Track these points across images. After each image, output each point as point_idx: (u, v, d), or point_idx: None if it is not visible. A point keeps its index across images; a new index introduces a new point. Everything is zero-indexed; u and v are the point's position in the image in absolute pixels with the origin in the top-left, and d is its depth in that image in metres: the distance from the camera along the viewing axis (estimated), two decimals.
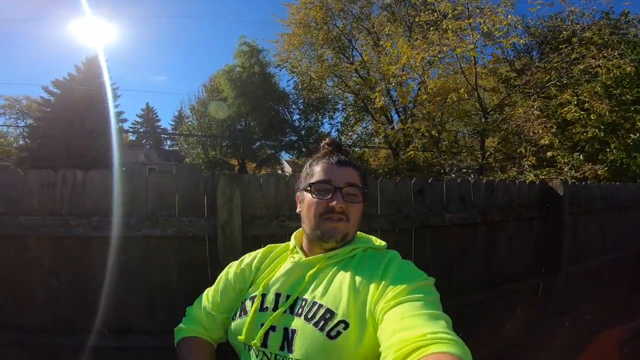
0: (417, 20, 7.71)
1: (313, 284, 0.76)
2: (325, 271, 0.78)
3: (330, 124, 15.50)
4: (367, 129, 14.36)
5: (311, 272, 0.78)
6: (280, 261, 0.88)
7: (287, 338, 0.71)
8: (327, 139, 0.93)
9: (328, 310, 0.70)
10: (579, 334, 2.29)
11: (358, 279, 0.73)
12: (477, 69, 5.89)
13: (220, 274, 0.93)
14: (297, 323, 0.71)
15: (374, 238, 0.90)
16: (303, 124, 16.41)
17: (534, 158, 4.78)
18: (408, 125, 6.27)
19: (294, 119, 16.63)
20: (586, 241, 2.86)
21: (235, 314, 0.82)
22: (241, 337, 0.76)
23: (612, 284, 2.93)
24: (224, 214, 1.42)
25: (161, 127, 43.63)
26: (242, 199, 1.45)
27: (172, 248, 1.52)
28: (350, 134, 14.80)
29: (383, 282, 0.70)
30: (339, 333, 0.67)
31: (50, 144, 18.40)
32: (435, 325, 0.57)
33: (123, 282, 1.50)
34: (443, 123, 6.55)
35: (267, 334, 0.73)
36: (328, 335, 0.67)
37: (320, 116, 15.87)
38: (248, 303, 0.81)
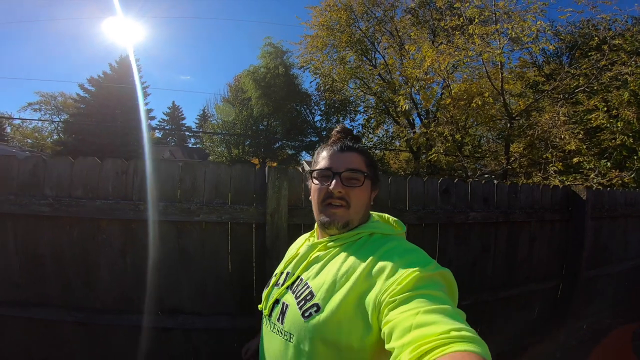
0: (442, 24, 7.73)
1: (312, 266, 0.80)
2: (325, 254, 0.80)
3: (352, 125, 15.59)
4: (389, 132, 14.37)
5: (312, 253, 0.82)
6: (301, 242, 0.96)
7: (283, 311, 0.77)
8: (338, 126, 0.93)
9: (310, 292, 0.74)
10: (595, 335, 2.35)
11: (348, 263, 0.74)
12: (504, 74, 5.88)
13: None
14: (290, 299, 0.77)
15: (392, 220, 0.88)
16: (324, 125, 16.59)
17: (561, 164, 4.76)
18: (431, 129, 6.33)
19: (315, 120, 16.84)
20: (608, 246, 2.90)
21: (266, 285, 0.91)
22: (261, 306, 0.87)
23: (635, 290, 2.94)
24: (273, 203, 1.61)
25: (186, 125, 44.95)
26: (288, 190, 1.64)
27: (225, 233, 1.72)
28: (371, 136, 14.87)
29: (385, 271, 0.66)
30: (310, 315, 0.70)
31: (85, 139, 19.40)
32: (455, 322, 0.53)
33: (179, 264, 1.71)
34: (467, 127, 6.56)
35: (273, 305, 0.81)
36: (303, 315, 0.72)
37: (341, 118, 16.03)
38: (273, 279, 0.89)
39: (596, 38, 5.52)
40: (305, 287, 0.75)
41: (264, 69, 15.73)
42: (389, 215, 0.89)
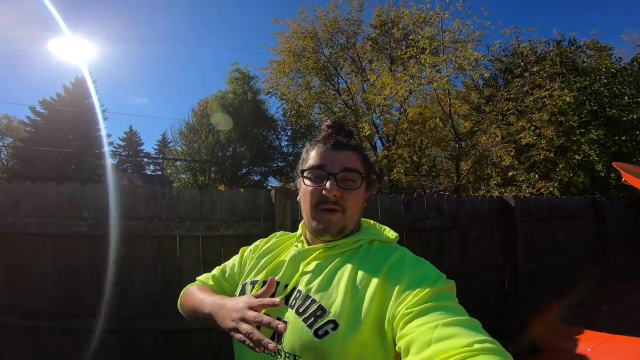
0: (399, 53, 8.70)
1: (310, 276, 0.72)
2: (325, 263, 0.73)
3: None
4: None
5: (306, 261, 0.74)
6: (286, 248, 0.84)
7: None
8: (328, 120, 0.84)
9: (320, 307, 0.65)
10: (535, 314, 2.93)
11: (359, 275, 0.68)
12: (451, 99, 6.81)
13: (234, 257, 0.93)
14: (289, 315, 0.68)
15: (386, 229, 0.84)
16: (291, 150, 17.11)
17: (499, 178, 5.66)
18: (392, 151, 7.10)
19: (282, 145, 17.31)
20: (540, 243, 3.61)
21: (234, 296, 0.79)
22: None
23: (569, 279, 3.64)
24: (280, 218, 2.06)
25: (144, 151, 43.43)
26: (291, 207, 2.10)
27: (239, 244, 2.11)
28: None
29: (399, 283, 0.63)
30: (326, 332, 0.63)
31: (35, 165, 18.26)
32: (476, 334, 0.52)
33: (202, 273, 2.05)
34: (423, 149, 7.41)
35: None
36: (315, 333, 0.63)
37: (307, 142, 16.57)
38: (249, 287, 0.78)
39: (521, 65, 6.68)
40: (311, 301, 0.67)
41: (232, 94, 16.01)
42: (374, 222, 0.86)
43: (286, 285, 0.73)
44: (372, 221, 0.86)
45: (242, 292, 0.78)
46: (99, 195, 1.96)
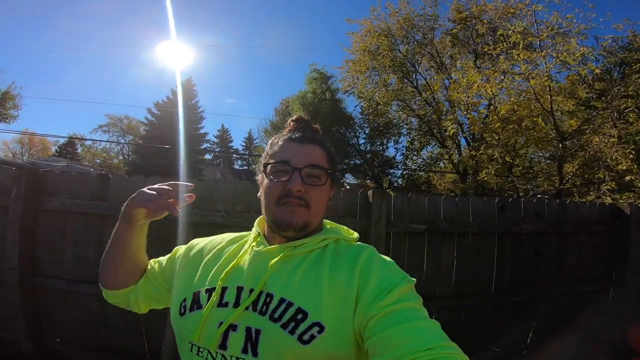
0: (486, 49, 8.15)
1: (280, 278, 0.66)
2: (293, 262, 0.68)
3: (396, 148, 16.05)
4: (433, 153, 14.61)
5: (274, 262, 0.68)
6: (238, 250, 0.77)
7: (251, 339, 0.60)
8: (294, 115, 0.82)
9: (299, 310, 0.60)
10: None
11: (334, 274, 0.65)
12: (552, 95, 6.12)
13: (174, 253, 0.87)
14: (262, 322, 0.61)
15: (344, 228, 0.81)
16: (369, 148, 17.16)
17: (614, 183, 4.96)
18: (481, 151, 6.72)
19: (360, 143, 17.46)
20: None
21: (185, 307, 0.70)
22: (193, 336, 0.65)
23: None
24: (376, 216, 2.27)
25: (233, 147, 47.99)
26: (385, 207, 2.30)
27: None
28: (415, 157, 15.22)
29: (369, 283, 0.62)
30: (312, 337, 0.58)
31: (151, 161, 21.73)
32: (440, 337, 0.54)
33: None
34: (516, 149, 6.83)
35: (226, 333, 0.62)
36: (300, 339, 0.58)
37: (385, 140, 16.56)
38: (203, 296, 0.68)
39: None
40: (286, 304, 0.61)
41: (311, 94, 16.69)
42: (329, 221, 0.83)
43: (251, 290, 0.65)
44: (331, 221, 0.83)
45: (196, 302, 0.69)
46: (229, 191, 2.40)
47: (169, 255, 0.88)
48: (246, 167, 35.69)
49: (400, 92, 13.41)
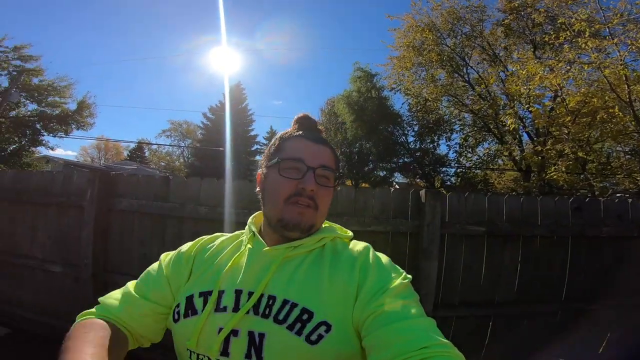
0: (546, 38, 7.41)
1: (281, 279, 0.64)
2: (293, 263, 0.67)
3: (448, 145, 15.31)
4: (490, 150, 13.68)
5: (276, 263, 0.66)
6: (233, 251, 0.73)
7: (254, 344, 0.59)
8: (300, 113, 0.79)
9: (305, 310, 0.59)
10: None
11: (335, 274, 0.64)
12: (630, 84, 5.39)
13: (152, 265, 0.77)
14: (266, 325, 0.59)
15: (338, 226, 0.79)
16: (418, 145, 16.60)
17: None
18: (548, 147, 6.10)
19: (409, 141, 16.95)
20: None
21: (178, 313, 0.66)
22: (190, 343, 0.62)
23: None
24: (429, 217, 2.15)
25: None
26: (440, 208, 2.16)
27: (386, 240, 2.31)
28: (470, 155, 14.38)
29: (367, 282, 0.62)
30: (320, 337, 0.57)
31: (208, 163, 23.19)
32: (436, 335, 0.53)
33: None
34: (590, 143, 6.09)
35: (227, 339, 0.60)
36: (308, 340, 0.57)
37: (436, 137, 15.88)
38: (198, 301, 0.65)
39: None
40: (290, 305, 0.60)
41: (356, 92, 16.57)
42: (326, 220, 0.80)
43: (250, 293, 0.63)
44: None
45: (190, 307, 0.65)
46: None
47: (151, 267, 0.76)
48: None
49: (451, 87, 12.90)
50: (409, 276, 0.64)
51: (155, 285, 0.71)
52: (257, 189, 0.76)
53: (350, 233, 0.78)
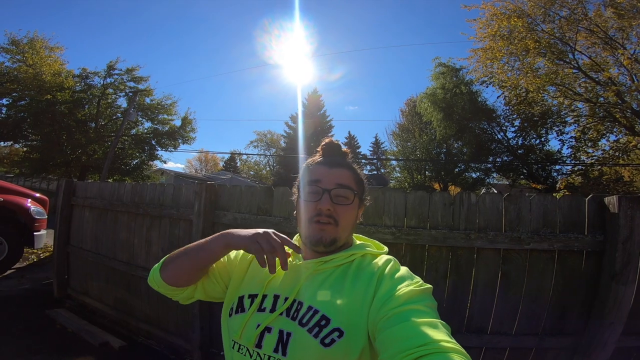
0: None
1: (310, 288, 0.74)
2: (323, 275, 0.76)
3: (561, 139, 13.11)
4: (619, 143, 11.26)
5: (307, 274, 0.76)
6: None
7: (282, 340, 0.70)
8: (325, 139, 0.89)
9: (323, 317, 0.68)
10: None
11: (355, 286, 0.72)
12: None
13: (229, 254, 0.90)
14: (292, 326, 0.70)
15: (375, 242, 0.87)
16: (520, 142, 14.58)
17: None
18: None
19: (508, 137, 15.02)
20: None
21: (232, 309, 0.81)
22: (236, 335, 0.75)
23: None
24: (625, 232, 1.60)
25: (362, 153, 49.04)
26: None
27: (551, 260, 1.81)
28: (590, 150, 12.04)
29: (380, 290, 0.68)
30: (333, 341, 0.66)
31: (292, 171, 24.18)
32: (436, 334, 0.56)
33: (498, 289, 1.86)
34: None
35: (262, 334, 0.72)
36: (322, 342, 0.66)
37: (543, 132, 13.73)
38: (247, 301, 0.79)
39: None
40: (313, 312, 0.70)
41: (441, 89, 15.39)
42: (364, 236, 0.91)
43: (286, 298, 0.75)
44: (362, 236, 0.90)
45: (240, 306, 0.79)
46: (399, 201, 2.05)
47: (231, 255, 0.90)
48: (375, 172, 35.73)
49: (556, 76, 11.03)
50: (427, 285, 0.69)
51: (221, 269, 0.87)
52: (294, 212, 0.86)
53: (385, 248, 0.85)
